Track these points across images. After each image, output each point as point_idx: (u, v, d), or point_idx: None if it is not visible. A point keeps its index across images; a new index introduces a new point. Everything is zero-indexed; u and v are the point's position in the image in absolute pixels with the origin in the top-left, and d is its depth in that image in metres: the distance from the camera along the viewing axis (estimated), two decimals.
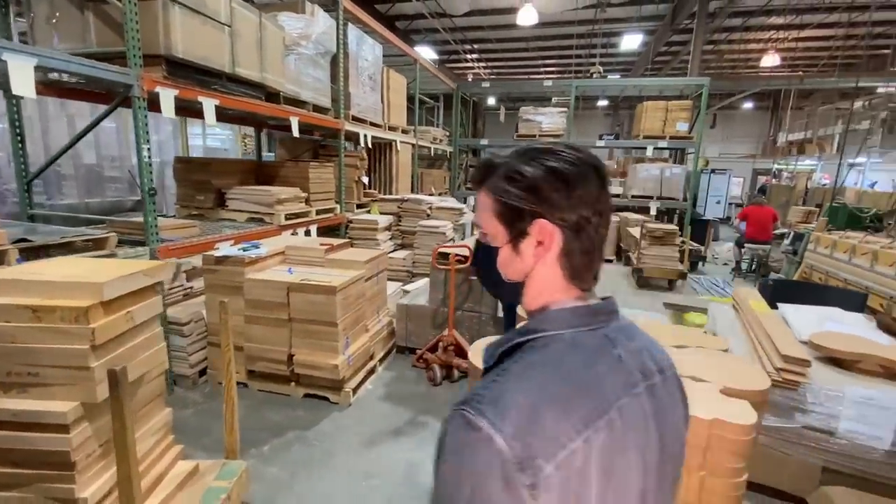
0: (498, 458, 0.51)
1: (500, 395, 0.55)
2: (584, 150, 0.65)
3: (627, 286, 6.97)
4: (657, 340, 0.72)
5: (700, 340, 1.91)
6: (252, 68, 3.63)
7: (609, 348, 0.63)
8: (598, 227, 0.64)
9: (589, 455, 0.54)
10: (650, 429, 0.62)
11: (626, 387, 0.61)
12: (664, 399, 0.65)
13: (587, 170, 0.63)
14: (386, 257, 3.95)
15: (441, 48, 15.42)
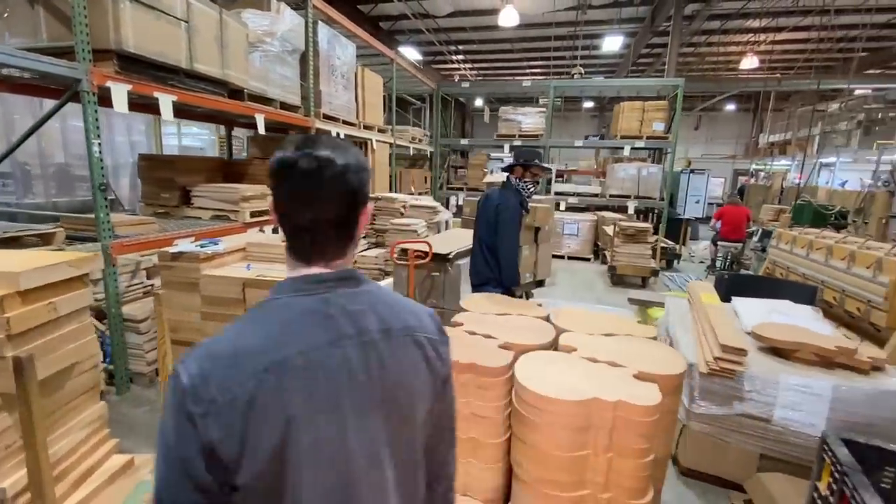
0: (180, 392, 0.63)
1: (201, 346, 0.67)
2: (320, 145, 0.72)
3: (602, 284, 7.04)
4: (418, 309, 0.83)
5: (630, 329, 1.94)
6: (212, 64, 3.62)
7: (321, 309, 0.72)
8: (300, 214, 0.72)
9: (261, 393, 0.63)
10: (357, 378, 0.70)
11: (327, 340, 0.69)
12: (387, 355, 0.74)
13: (290, 164, 0.70)
14: None
15: (426, 49, 15.45)
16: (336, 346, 0.70)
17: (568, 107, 21.07)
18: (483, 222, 3.04)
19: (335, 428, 0.68)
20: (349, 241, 0.77)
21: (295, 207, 0.72)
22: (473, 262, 3.16)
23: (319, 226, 0.73)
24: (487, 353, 1.60)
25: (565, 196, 9.63)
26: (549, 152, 10.08)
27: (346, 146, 0.75)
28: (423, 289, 3.72)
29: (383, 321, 0.76)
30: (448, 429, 0.89)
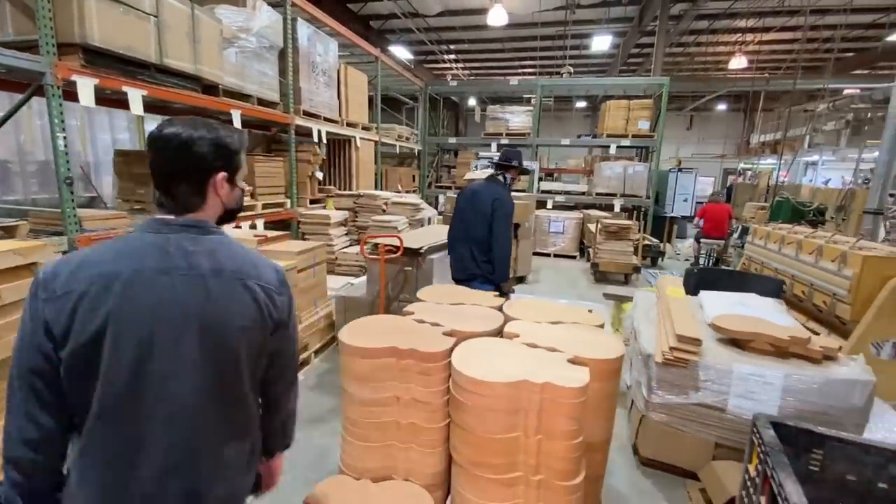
0: (35, 283, 0.89)
1: (65, 256, 0.95)
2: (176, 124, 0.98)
3: (585, 281, 7.07)
4: (261, 262, 1.05)
5: (580, 318, 1.97)
6: (184, 60, 3.62)
7: (162, 245, 0.94)
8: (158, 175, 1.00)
9: (90, 292, 0.87)
10: (178, 301, 0.91)
11: (158, 267, 0.92)
12: (213, 290, 0.94)
13: (153, 138, 0.99)
14: (324, 249, 3.96)
15: (417, 48, 15.46)
16: (164, 274, 0.92)
17: (560, 107, 21.14)
18: (474, 217, 3.05)
19: (147, 332, 0.89)
20: (199, 198, 1.01)
21: (155, 169, 1.00)
22: (458, 257, 3.15)
23: (171, 184, 0.99)
24: (430, 339, 1.62)
25: (552, 194, 9.67)
26: (538, 151, 10.13)
27: (203, 125, 0.99)
28: (396, 283, 3.74)
29: (217, 263, 0.97)
30: (287, 367, 1.11)
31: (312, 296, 3.82)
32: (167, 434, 0.91)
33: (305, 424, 2.88)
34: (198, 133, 0.98)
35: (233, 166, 1.06)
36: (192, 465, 0.93)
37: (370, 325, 1.76)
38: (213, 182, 1.01)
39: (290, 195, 5.38)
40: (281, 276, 1.07)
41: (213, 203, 1.03)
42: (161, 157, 0.98)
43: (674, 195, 12.09)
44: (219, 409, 0.96)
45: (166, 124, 0.98)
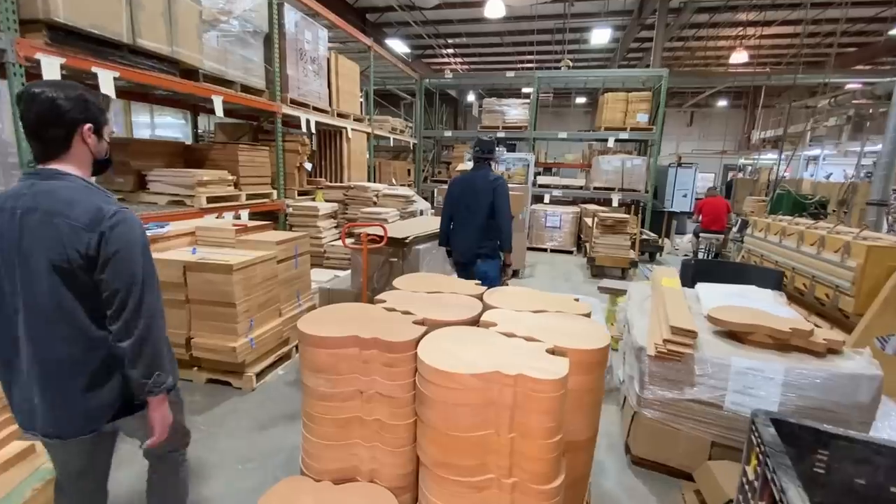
0: None
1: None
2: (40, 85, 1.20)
3: (581, 275, 6.93)
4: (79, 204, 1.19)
5: (564, 306, 1.82)
6: (159, 41, 3.47)
7: (15, 189, 1.20)
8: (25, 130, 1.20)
9: None
10: (10, 237, 1.17)
11: (2, 205, 1.18)
12: (25, 225, 1.17)
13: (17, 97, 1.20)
14: (307, 239, 3.81)
15: (415, 42, 15.29)
16: (2, 212, 1.18)
17: (560, 102, 20.95)
18: (475, 201, 3.32)
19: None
20: (57, 150, 1.21)
21: (25, 124, 1.19)
22: (462, 240, 3.41)
23: (33, 138, 1.20)
24: (397, 328, 1.48)
25: (549, 188, 9.52)
26: (535, 144, 9.98)
27: (69, 86, 1.22)
28: (381, 274, 3.60)
29: (35, 203, 1.17)
30: (122, 290, 1.20)
31: (295, 288, 3.68)
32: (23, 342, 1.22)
33: (281, 420, 2.75)
34: (64, 92, 1.19)
35: (98, 120, 1.27)
36: (39, 370, 1.22)
37: (334, 313, 1.61)
38: (81, 132, 1.23)
39: (277, 186, 5.23)
40: (98, 216, 1.18)
41: (80, 151, 1.25)
42: (30, 113, 1.17)
43: (673, 190, 11.94)
44: (46, 326, 1.21)
45: (34, 83, 1.19)
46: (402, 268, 3.50)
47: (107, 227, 1.18)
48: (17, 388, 1.26)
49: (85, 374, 1.24)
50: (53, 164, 1.21)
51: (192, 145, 4.93)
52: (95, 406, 1.27)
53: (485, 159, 3.51)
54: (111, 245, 1.18)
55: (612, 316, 4.30)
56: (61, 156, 1.21)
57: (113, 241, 1.18)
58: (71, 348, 1.22)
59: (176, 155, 4.69)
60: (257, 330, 3.13)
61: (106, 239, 1.17)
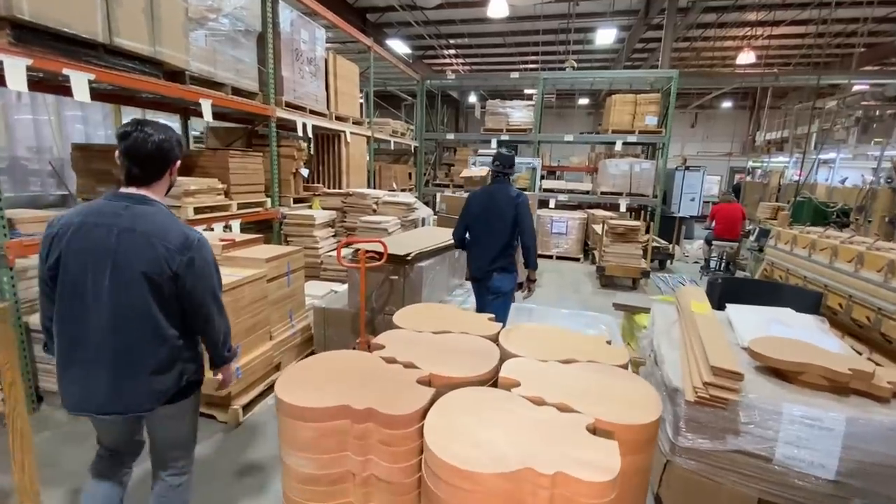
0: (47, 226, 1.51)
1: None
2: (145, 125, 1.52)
3: (591, 286, 6.64)
4: (172, 229, 1.49)
5: (596, 352, 1.55)
6: (140, 41, 3.19)
7: (105, 207, 1.48)
8: (122, 160, 1.51)
9: (59, 233, 1.44)
10: (99, 245, 1.43)
11: (97, 222, 1.44)
12: (124, 241, 1.44)
13: (119, 134, 1.51)
14: (301, 255, 3.53)
15: (416, 43, 15.04)
16: (97, 226, 1.44)
17: (564, 103, 20.68)
18: (496, 217, 3.23)
19: (82, 262, 1.43)
20: (149, 179, 1.52)
21: (128, 155, 1.49)
22: (480, 255, 3.30)
23: (129, 168, 1.50)
24: (398, 391, 1.20)
25: (555, 193, 9.24)
26: (539, 148, 9.71)
27: (159, 129, 1.52)
28: (381, 294, 3.32)
29: (133, 225, 1.44)
30: (199, 307, 1.54)
31: (287, 307, 3.40)
32: (97, 331, 1.45)
33: (270, 464, 2.46)
34: (158, 133, 1.50)
35: (180, 158, 1.60)
36: (113, 356, 1.45)
37: (320, 368, 1.33)
38: (172, 168, 1.57)
39: (272, 194, 4.96)
40: (187, 242, 1.48)
41: (166, 181, 1.58)
42: (126, 148, 1.48)
43: (681, 194, 11.67)
44: (128, 322, 1.45)
45: (135, 124, 1.49)
46: (402, 287, 3.22)
47: (195, 251, 1.49)
48: (77, 369, 1.48)
49: (154, 362, 1.50)
50: (143, 189, 1.52)
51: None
52: (157, 389, 1.52)
53: (505, 174, 3.38)
54: (197, 264, 1.50)
55: (629, 334, 4.02)
56: (153, 184, 1.53)
57: (198, 261, 1.50)
58: (147, 340, 1.48)
59: None
60: (244, 357, 2.85)
61: (193, 260, 1.49)
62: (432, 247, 3.44)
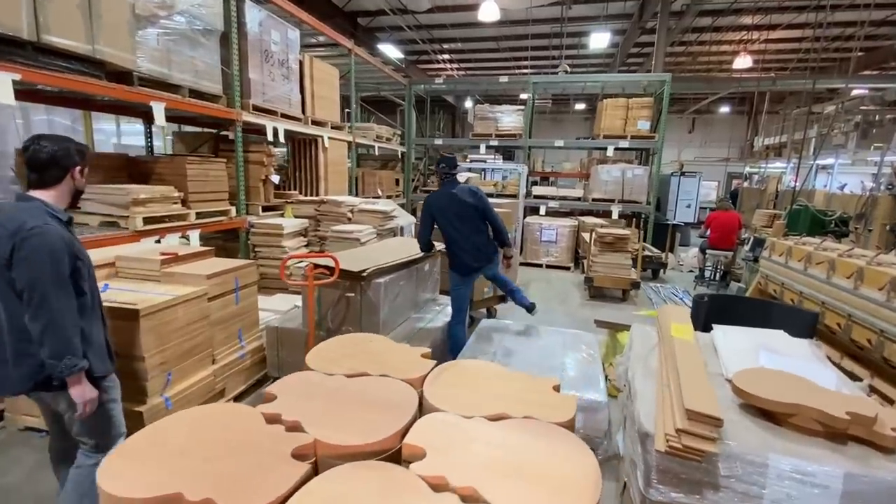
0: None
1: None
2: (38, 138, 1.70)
3: (579, 297, 6.37)
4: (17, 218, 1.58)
5: (539, 402, 1.27)
6: (75, 38, 2.94)
7: (5, 207, 1.72)
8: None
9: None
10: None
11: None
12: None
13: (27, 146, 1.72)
14: (252, 269, 3.26)
15: (409, 48, 14.86)
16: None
17: (559, 109, 20.47)
18: (468, 213, 3.56)
19: None
20: (45, 184, 1.67)
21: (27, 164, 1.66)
22: (472, 245, 3.56)
23: (28, 175, 1.66)
24: (258, 469, 0.92)
25: (545, 200, 8.99)
26: (530, 153, 9.47)
27: (55, 140, 1.70)
28: (336, 313, 3.05)
29: (2, 217, 1.60)
30: (27, 288, 1.55)
31: (236, 327, 3.12)
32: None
33: None
34: (62, 144, 1.71)
35: (83, 165, 1.78)
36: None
37: (175, 433, 1.06)
38: (73, 173, 1.74)
39: (238, 202, 4.70)
40: (19, 229, 1.56)
41: (68, 185, 1.75)
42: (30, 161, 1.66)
43: (676, 200, 11.44)
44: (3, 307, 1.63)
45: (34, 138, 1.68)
46: (359, 305, 2.95)
47: (21, 237, 1.54)
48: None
49: (12, 347, 1.62)
50: (40, 192, 1.66)
51: (138, 158, 4.40)
52: (21, 373, 1.63)
53: (452, 174, 3.76)
54: (24, 251, 1.54)
55: (611, 352, 3.74)
56: (52, 187, 1.68)
57: (26, 248, 1.54)
58: (9, 325, 1.61)
59: (118, 169, 4.17)
60: (178, 385, 2.58)
61: (18, 247, 1.54)
62: (397, 261, 3.18)
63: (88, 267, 1.78)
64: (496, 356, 2.91)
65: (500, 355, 2.92)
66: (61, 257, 1.59)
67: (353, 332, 3.04)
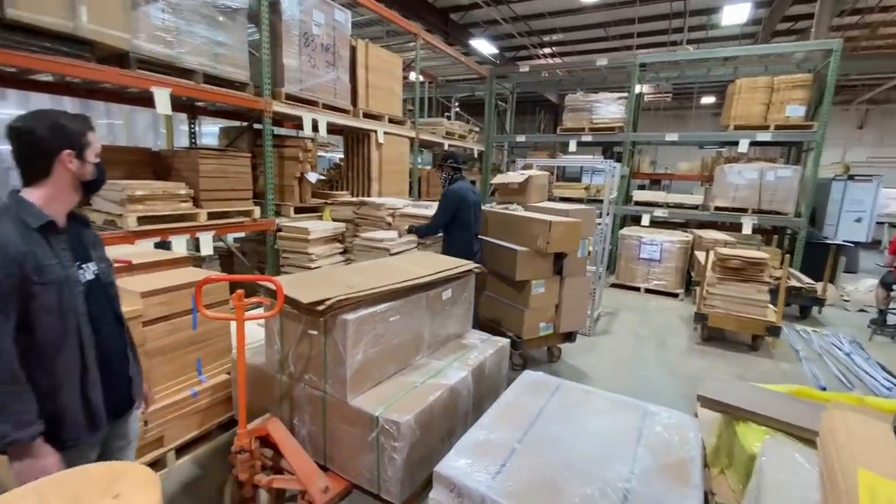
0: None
1: None
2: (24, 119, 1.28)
3: (686, 338, 4.78)
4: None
5: None
6: (50, 13, 2.57)
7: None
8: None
9: None
10: None
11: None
12: None
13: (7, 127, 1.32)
14: (224, 286, 2.61)
15: (505, 43, 13.94)
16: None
17: (681, 103, 17.68)
18: (478, 206, 3.86)
19: None
20: (27, 177, 1.29)
21: (12, 157, 1.29)
22: (467, 238, 3.70)
23: (19, 167, 1.29)
24: None
25: (650, 207, 7.33)
26: (634, 149, 7.86)
27: (39, 117, 1.28)
28: (300, 354, 2.22)
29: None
30: None
31: (192, 356, 2.49)
32: None
33: None
34: (41, 122, 1.26)
35: (79, 145, 1.32)
36: None
37: None
38: (61, 159, 1.28)
39: (266, 201, 4.22)
40: None
41: (61, 177, 1.30)
42: (14, 146, 1.26)
43: (839, 212, 8.71)
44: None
45: (17, 118, 1.26)
46: (324, 346, 2.09)
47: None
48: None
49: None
50: (29, 188, 1.29)
51: (161, 152, 4.13)
52: None
53: (460, 169, 3.87)
54: None
55: (724, 451, 2.35)
56: (39, 182, 1.29)
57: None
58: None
59: (141, 164, 3.92)
60: None
61: None
62: (386, 286, 2.26)
63: (65, 295, 1.27)
64: (522, 442, 1.84)
65: (529, 442, 1.84)
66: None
67: (316, 384, 2.21)
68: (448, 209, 3.65)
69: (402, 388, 2.23)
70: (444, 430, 2.29)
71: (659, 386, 3.60)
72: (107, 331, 1.41)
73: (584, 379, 3.59)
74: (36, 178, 1.28)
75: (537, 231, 3.32)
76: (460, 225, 3.66)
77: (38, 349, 1.24)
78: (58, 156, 1.28)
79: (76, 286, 1.32)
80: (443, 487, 1.69)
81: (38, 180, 1.28)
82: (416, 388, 2.25)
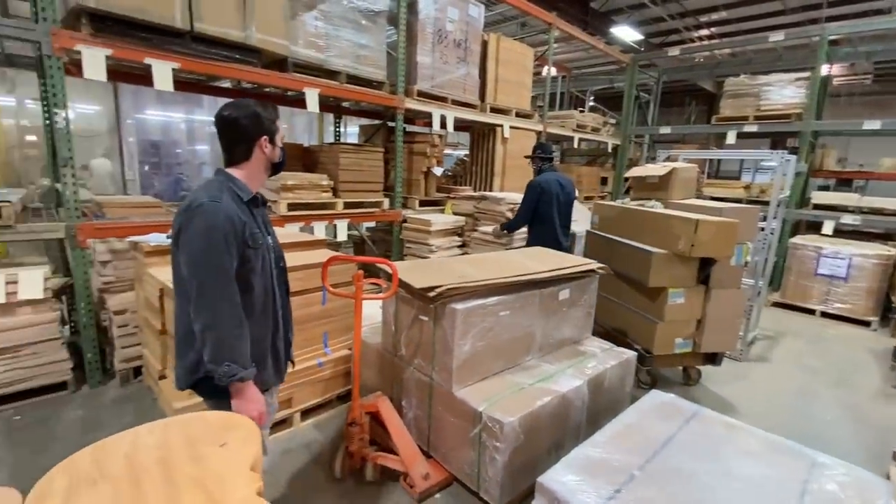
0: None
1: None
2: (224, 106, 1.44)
3: (879, 377, 3.73)
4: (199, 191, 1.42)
5: None
6: (228, 25, 3.04)
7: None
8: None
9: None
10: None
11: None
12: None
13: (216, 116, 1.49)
14: (351, 267, 2.79)
15: (652, 28, 12.65)
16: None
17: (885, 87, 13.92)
18: (568, 200, 3.72)
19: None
20: (232, 158, 1.45)
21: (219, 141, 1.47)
22: (547, 232, 3.60)
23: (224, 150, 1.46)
24: None
25: (836, 212, 5.91)
26: (816, 141, 6.43)
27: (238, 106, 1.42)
28: (410, 339, 2.26)
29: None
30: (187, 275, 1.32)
31: (320, 330, 2.72)
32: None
33: None
34: (242, 111, 1.41)
35: (271, 132, 1.47)
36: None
37: None
38: (259, 143, 1.44)
39: (395, 194, 4.45)
40: (188, 205, 1.33)
41: (258, 159, 1.46)
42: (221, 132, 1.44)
43: None
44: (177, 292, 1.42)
45: (222, 107, 1.43)
46: (433, 333, 2.09)
47: (188, 214, 1.31)
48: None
49: (181, 337, 1.42)
50: (233, 168, 1.44)
51: (311, 147, 4.63)
52: (184, 367, 1.42)
53: (550, 160, 3.81)
54: (184, 230, 1.31)
55: None
56: (242, 163, 1.44)
57: (186, 227, 1.31)
58: (178, 313, 1.42)
59: (295, 158, 4.45)
60: None
61: (183, 224, 1.32)
62: (498, 279, 2.17)
63: (265, 259, 1.45)
64: (644, 470, 1.59)
65: (652, 471, 1.58)
66: (221, 242, 1.29)
67: (425, 369, 2.22)
68: (529, 202, 3.59)
69: (509, 388, 2.12)
70: (551, 440, 2.12)
71: (834, 433, 2.86)
72: (282, 294, 1.57)
73: (730, 411, 3.02)
74: (238, 160, 1.43)
75: (679, 231, 2.87)
76: (541, 218, 3.58)
77: (248, 304, 1.39)
78: (257, 140, 1.43)
79: (270, 252, 1.48)
80: (545, 501, 1.54)
81: (241, 161, 1.43)
82: (523, 389, 2.12)
